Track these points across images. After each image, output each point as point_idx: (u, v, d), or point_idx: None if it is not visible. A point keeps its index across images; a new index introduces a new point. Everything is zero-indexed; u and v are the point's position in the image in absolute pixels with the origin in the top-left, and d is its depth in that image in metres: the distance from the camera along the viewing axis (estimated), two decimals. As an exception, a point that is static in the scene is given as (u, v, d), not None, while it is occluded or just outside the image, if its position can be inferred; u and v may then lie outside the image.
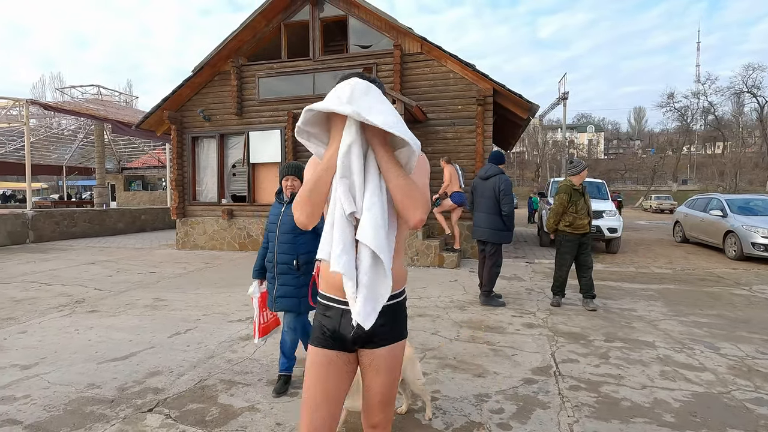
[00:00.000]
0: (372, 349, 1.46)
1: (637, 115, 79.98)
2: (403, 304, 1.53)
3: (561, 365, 3.37)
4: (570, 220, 4.98)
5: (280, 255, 2.90)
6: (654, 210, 31.65)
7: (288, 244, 2.89)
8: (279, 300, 2.91)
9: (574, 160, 5.39)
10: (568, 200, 4.96)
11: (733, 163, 37.94)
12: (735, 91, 37.17)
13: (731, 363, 3.42)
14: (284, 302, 2.90)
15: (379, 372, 1.46)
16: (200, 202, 10.73)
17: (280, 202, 3.04)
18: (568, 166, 5.22)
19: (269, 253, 2.98)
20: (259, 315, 3.09)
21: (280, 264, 2.89)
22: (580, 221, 4.95)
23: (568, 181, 5.08)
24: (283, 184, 2.99)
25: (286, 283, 2.89)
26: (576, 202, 4.95)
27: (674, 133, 48.47)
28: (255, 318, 3.11)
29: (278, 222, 2.95)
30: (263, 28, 9.94)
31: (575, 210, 4.95)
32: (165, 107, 10.41)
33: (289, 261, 2.87)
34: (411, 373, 2.51)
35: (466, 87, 8.84)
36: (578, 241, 5.02)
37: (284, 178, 2.97)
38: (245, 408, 2.71)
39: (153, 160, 25.74)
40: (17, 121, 13.15)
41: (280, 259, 2.89)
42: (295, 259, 2.86)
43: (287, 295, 2.89)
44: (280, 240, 2.91)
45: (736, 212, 9.22)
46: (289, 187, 2.95)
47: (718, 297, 5.64)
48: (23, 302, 5.31)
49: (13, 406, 2.73)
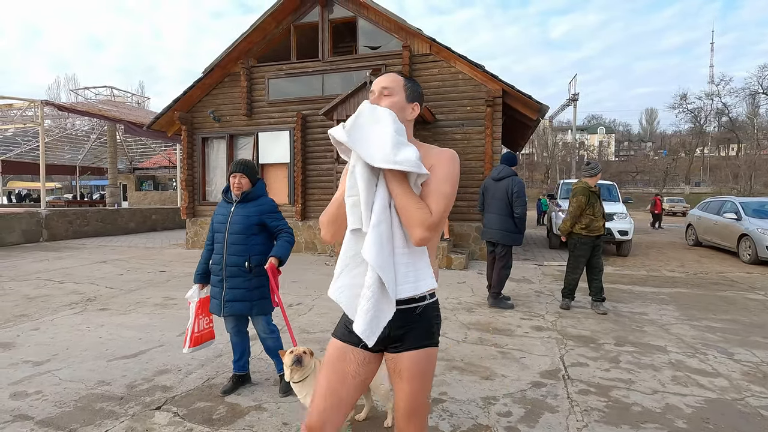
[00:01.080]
0: (393, 353, 1.43)
1: (649, 116, 78.97)
2: (430, 309, 1.45)
3: (570, 369, 3.33)
4: (587, 222, 4.88)
5: (230, 257, 2.74)
6: (666, 213, 31.21)
7: (239, 245, 2.75)
8: (229, 304, 2.76)
9: (591, 161, 5.33)
10: (587, 202, 4.86)
11: (747, 166, 37.27)
12: (750, 92, 36.57)
13: (745, 369, 3.35)
14: (235, 306, 2.77)
15: (401, 378, 1.42)
16: (210, 202, 10.82)
17: (228, 201, 2.86)
18: (584, 167, 5.15)
19: (216, 254, 2.81)
20: (194, 322, 2.85)
21: (229, 266, 2.74)
22: (596, 223, 4.88)
23: (584, 183, 4.97)
24: (230, 181, 2.81)
25: (236, 286, 2.75)
26: (593, 204, 4.88)
27: (687, 135, 47.82)
28: (189, 325, 2.86)
29: (227, 222, 2.79)
30: (273, 30, 10.01)
31: (592, 212, 4.87)
32: (176, 108, 10.53)
33: (240, 263, 2.74)
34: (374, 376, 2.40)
35: (475, 88, 8.81)
36: (593, 244, 4.96)
37: (232, 175, 2.79)
38: (252, 407, 2.72)
39: (164, 161, 26.05)
40: (32, 122, 13.40)
41: (230, 261, 2.74)
42: (247, 260, 2.73)
43: (238, 299, 2.76)
44: (231, 241, 2.75)
45: (751, 215, 9.04)
46: (237, 184, 2.78)
47: (732, 301, 5.53)
48: (36, 300, 5.40)
49: (25, 402, 2.78)
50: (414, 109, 1.48)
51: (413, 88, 1.49)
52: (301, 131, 9.79)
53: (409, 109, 1.47)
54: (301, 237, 9.92)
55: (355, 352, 1.44)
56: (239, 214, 2.78)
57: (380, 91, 1.45)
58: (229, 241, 2.75)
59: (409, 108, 1.47)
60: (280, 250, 2.77)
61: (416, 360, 1.41)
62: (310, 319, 4.61)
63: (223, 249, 2.76)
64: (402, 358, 1.41)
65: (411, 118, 1.48)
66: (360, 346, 1.43)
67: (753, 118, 43.62)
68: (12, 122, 14.25)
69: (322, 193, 9.75)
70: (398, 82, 1.47)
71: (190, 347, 2.84)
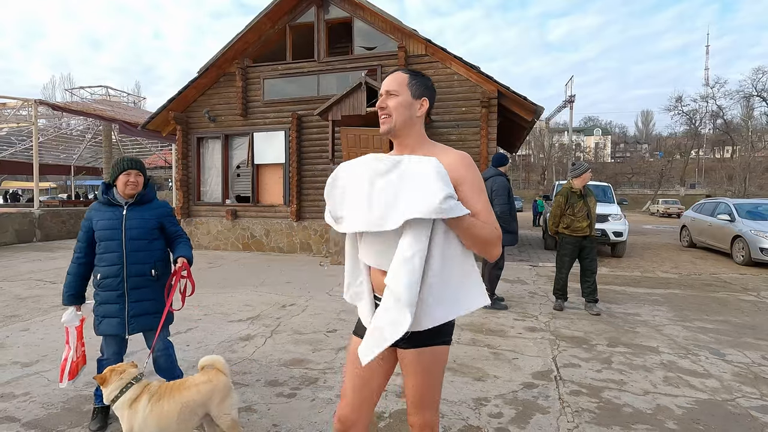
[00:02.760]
0: (402, 349, 1.46)
1: (645, 118, 79.44)
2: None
3: (562, 370, 3.33)
4: (567, 222, 4.97)
5: (133, 266, 2.40)
6: (661, 214, 31.35)
7: (143, 252, 2.43)
8: (135, 320, 2.41)
9: (576, 162, 5.36)
10: (565, 203, 4.98)
11: (742, 168, 37.46)
12: (744, 94, 36.75)
13: (737, 370, 3.36)
14: (143, 321, 2.43)
15: (408, 373, 1.48)
16: (204, 203, 10.78)
17: (114, 203, 2.45)
18: (570, 168, 5.18)
19: (109, 266, 2.38)
20: (74, 349, 2.45)
21: (133, 277, 2.40)
22: (577, 224, 4.91)
23: (568, 184, 5.07)
24: (121, 179, 2.41)
25: (143, 298, 2.42)
26: (573, 204, 4.93)
27: (682, 137, 48.02)
28: (66, 354, 2.44)
29: (121, 228, 2.40)
30: (268, 30, 9.99)
31: (572, 212, 4.94)
32: (171, 108, 10.48)
33: (145, 271, 2.43)
34: (218, 405, 2.07)
35: (470, 89, 8.82)
36: (579, 244, 4.98)
37: (125, 173, 2.41)
38: (242, 408, 2.70)
39: (160, 161, 25.93)
40: (26, 122, 13.31)
41: (133, 270, 2.40)
42: (153, 268, 2.45)
43: (147, 312, 2.44)
44: (132, 248, 2.40)
45: (745, 217, 9.09)
46: (132, 183, 2.43)
47: (724, 302, 5.55)
48: (27, 300, 5.35)
49: (11, 404, 2.74)
50: (423, 105, 1.48)
51: (419, 83, 1.48)
52: (296, 131, 9.77)
53: (417, 105, 1.47)
54: (296, 238, 9.90)
55: None
56: (136, 218, 2.44)
57: (385, 94, 1.47)
58: (129, 249, 2.39)
59: (417, 104, 1.47)
60: (188, 251, 2.52)
61: (420, 357, 1.45)
62: (303, 320, 4.59)
63: (121, 258, 2.38)
64: (407, 355, 1.46)
65: (420, 114, 1.49)
66: None
67: (747, 120, 43.90)
68: (6, 121, 14.15)
69: (317, 194, 9.73)
70: (402, 80, 1.47)
71: (69, 380, 2.44)
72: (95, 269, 2.44)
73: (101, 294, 2.42)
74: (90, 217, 2.45)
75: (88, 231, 2.43)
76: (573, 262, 5.06)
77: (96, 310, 2.45)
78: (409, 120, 1.47)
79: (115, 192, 2.46)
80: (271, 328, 4.31)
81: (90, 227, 2.43)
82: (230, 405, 2.12)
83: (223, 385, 2.11)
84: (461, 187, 1.37)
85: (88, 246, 2.44)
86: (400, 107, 1.45)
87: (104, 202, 2.46)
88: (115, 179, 2.44)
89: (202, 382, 2.09)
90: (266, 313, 4.83)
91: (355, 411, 1.51)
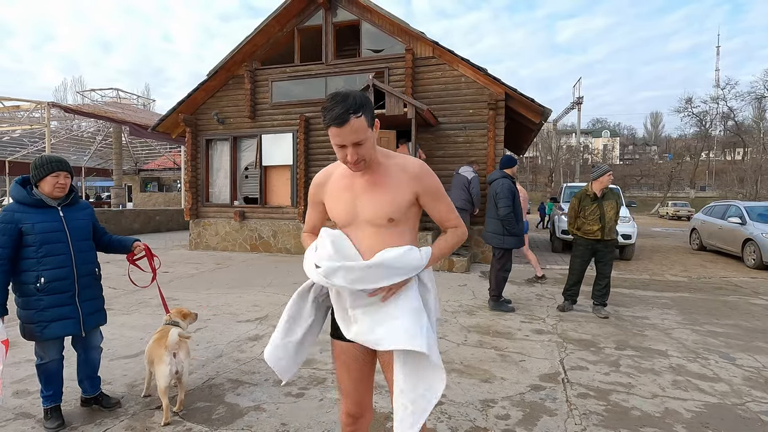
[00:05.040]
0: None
1: (654, 120, 78.64)
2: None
3: (570, 372, 3.32)
4: (579, 224, 4.99)
5: (83, 266, 2.51)
6: (670, 217, 31.02)
7: (89, 252, 2.58)
8: (90, 318, 2.55)
9: (595, 164, 5.34)
10: (578, 205, 4.98)
11: (753, 170, 36.93)
12: (756, 96, 36.28)
13: (747, 374, 3.33)
14: (98, 317, 2.63)
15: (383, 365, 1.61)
16: (213, 204, 10.88)
17: (47, 205, 2.40)
18: (591, 170, 5.21)
19: (57, 268, 2.38)
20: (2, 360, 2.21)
21: (83, 276, 2.51)
22: (588, 227, 4.89)
23: (586, 187, 5.08)
24: (50, 181, 2.37)
25: (93, 296, 2.60)
26: (585, 207, 4.92)
27: (692, 139, 47.48)
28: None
29: (64, 229, 2.44)
30: (277, 33, 10.07)
31: (584, 215, 4.93)
32: (180, 110, 10.61)
33: (92, 271, 2.60)
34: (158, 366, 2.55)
35: (477, 91, 8.82)
36: (591, 247, 4.95)
37: (53, 175, 2.37)
38: (251, 407, 2.74)
39: (169, 162, 26.23)
40: (39, 123, 13.54)
41: (83, 270, 2.50)
42: (96, 266, 2.64)
43: (99, 309, 2.65)
44: (79, 248, 2.49)
45: (756, 220, 8.98)
46: (61, 185, 2.41)
47: (735, 306, 5.49)
48: None
49: (26, 400, 2.80)
50: (376, 126, 1.49)
51: (366, 110, 1.41)
52: (304, 133, 9.84)
53: (374, 131, 1.47)
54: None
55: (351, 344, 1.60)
56: (77, 219, 2.51)
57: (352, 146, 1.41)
58: (77, 249, 2.47)
59: (374, 131, 1.47)
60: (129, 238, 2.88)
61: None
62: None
63: (70, 260, 2.43)
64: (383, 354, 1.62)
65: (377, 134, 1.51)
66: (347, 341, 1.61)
67: (759, 122, 43.32)
68: (19, 123, 14.40)
69: (325, 196, 9.76)
70: (360, 125, 1.39)
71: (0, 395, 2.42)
72: (33, 274, 2.34)
73: (46, 299, 2.35)
74: (16, 220, 2.31)
75: (15, 235, 2.30)
76: (585, 264, 5.02)
77: (38, 316, 2.35)
78: (373, 148, 1.48)
79: (36, 192, 2.39)
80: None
81: (17, 231, 2.30)
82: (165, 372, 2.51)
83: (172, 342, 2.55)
84: (422, 198, 1.55)
85: (14, 251, 2.32)
86: (369, 148, 1.44)
87: (32, 204, 2.37)
88: (40, 180, 2.37)
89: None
90: (274, 314, 4.87)
91: (360, 405, 1.67)
